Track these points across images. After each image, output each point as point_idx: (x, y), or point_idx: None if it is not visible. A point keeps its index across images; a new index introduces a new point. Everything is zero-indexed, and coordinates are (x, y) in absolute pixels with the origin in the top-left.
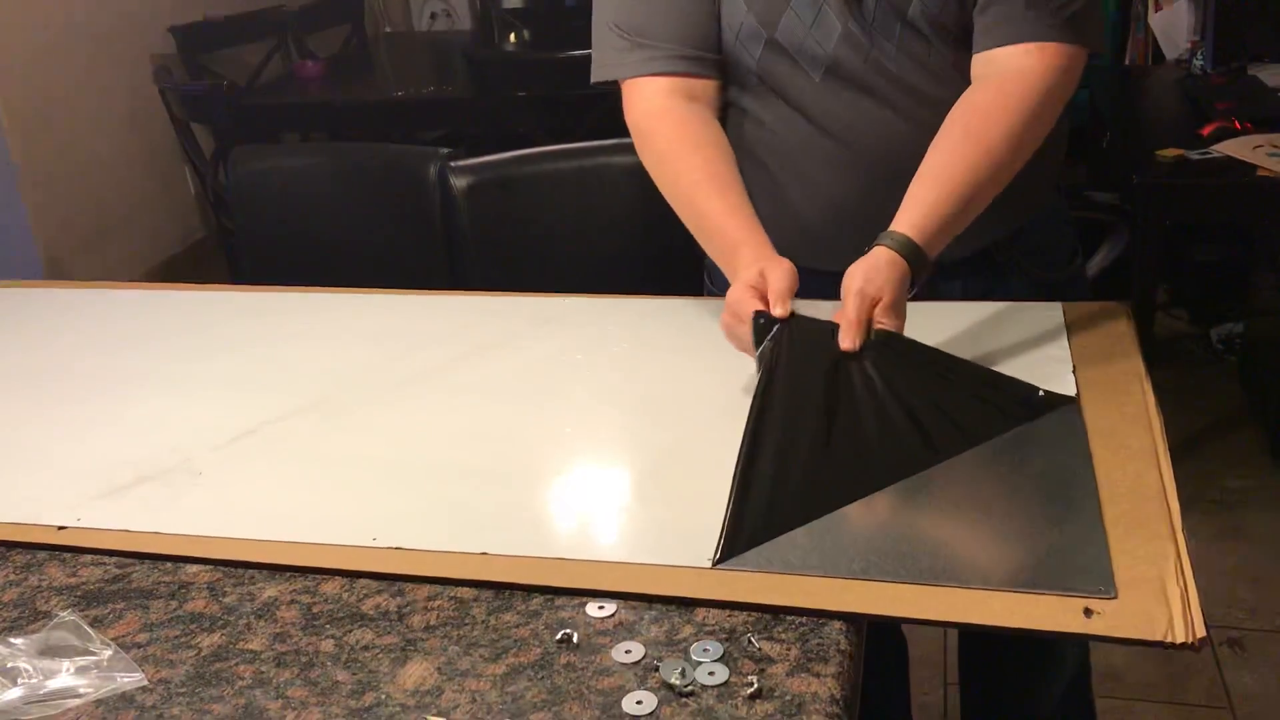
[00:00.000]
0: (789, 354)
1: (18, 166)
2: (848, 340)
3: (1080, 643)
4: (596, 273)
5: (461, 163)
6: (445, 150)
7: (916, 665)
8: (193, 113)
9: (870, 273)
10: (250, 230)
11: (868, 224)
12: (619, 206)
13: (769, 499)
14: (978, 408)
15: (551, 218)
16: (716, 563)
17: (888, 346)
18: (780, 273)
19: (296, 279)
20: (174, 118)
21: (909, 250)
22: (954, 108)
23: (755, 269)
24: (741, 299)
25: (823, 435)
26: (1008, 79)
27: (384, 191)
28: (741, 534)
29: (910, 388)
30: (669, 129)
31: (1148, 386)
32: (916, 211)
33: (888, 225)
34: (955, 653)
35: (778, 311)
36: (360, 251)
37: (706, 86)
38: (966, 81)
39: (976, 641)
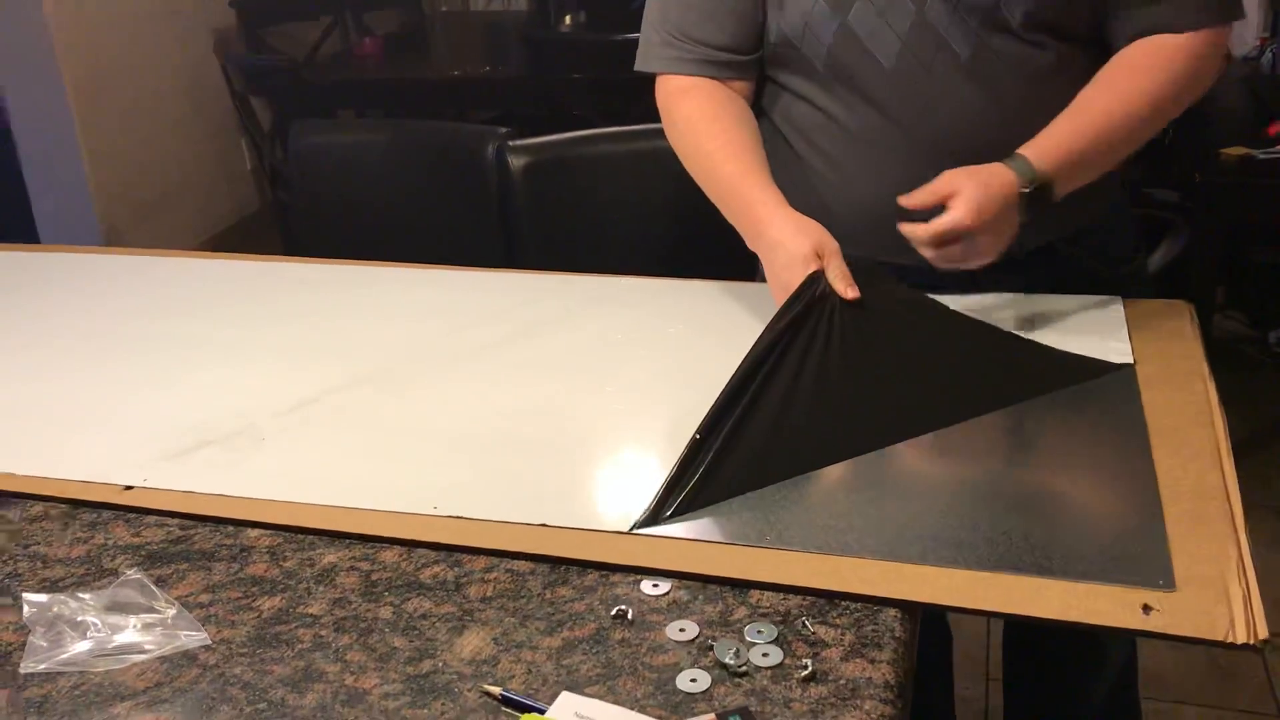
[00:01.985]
0: (803, 310)
1: (80, 136)
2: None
3: (1128, 641)
4: (651, 255)
5: (520, 142)
6: (504, 129)
7: (957, 660)
8: (252, 86)
9: (974, 181)
10: (307, 204)
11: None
12: (675, 190)
13: (716, 461)
14: (1014, 365)
15: (608, 199)
16: (635, 527)
17: (910, 307)
18: (831, 247)
19: (351, 254)
20: (233, 91)
21: (1024, 168)
22: (1109, 64)
23: (805, 246)
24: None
25: (803, 392)
26: (1159, 45)
27: (442, 169)
28: (675, 499)
29: (928, 341)
30: (692, 103)
31: (1211, 386)
32: (1042, 141)
33: None
34: (997, 649)
35: (850, 295)
36: (416, 228)
37: (734, 85)
38: (1040, 72)
39: (1022, 637)
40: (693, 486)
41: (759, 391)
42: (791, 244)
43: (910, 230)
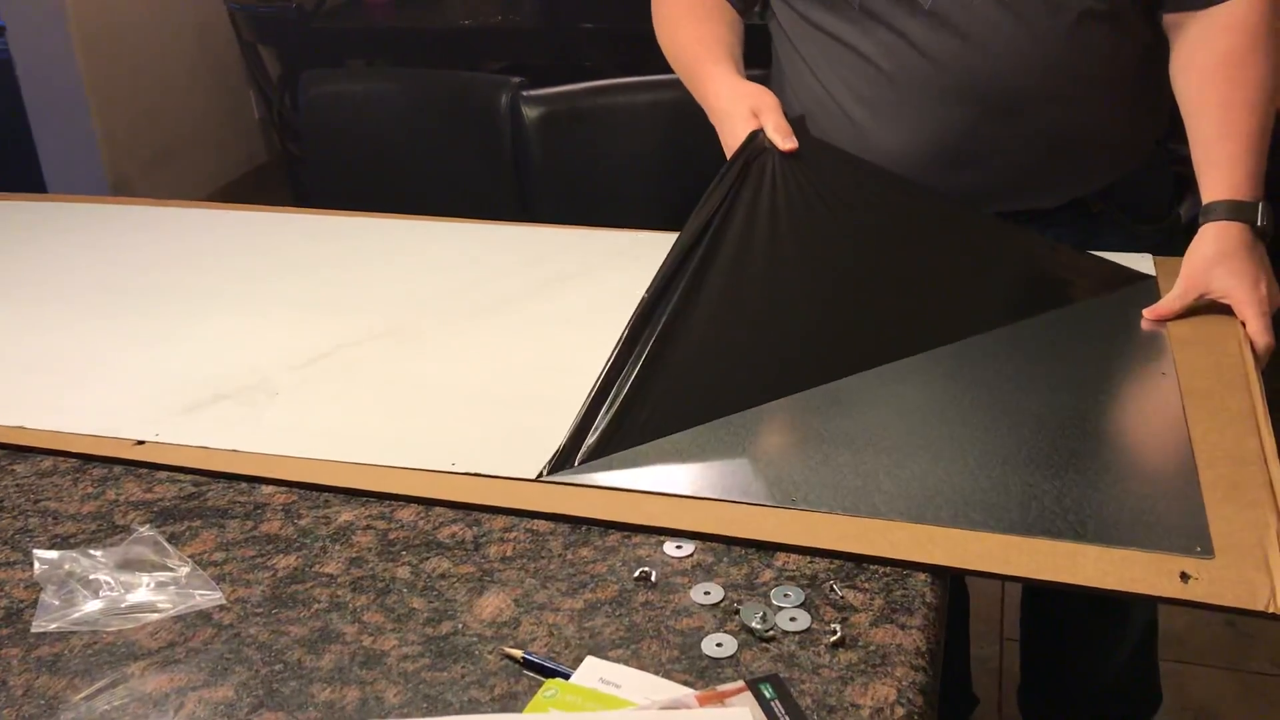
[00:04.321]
0: (757, 190)
1: (87, 85)
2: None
3: (1150, 603)
4: (668, 208)
5: (534, 92)
6: (517, 79)
7: (971, 620)
8: (261, 35)
9: (1218, 268)
10: (317, 154)
11: (971, 159)
12: (693, 142)
13: (636, 393)
14: (1021, 264)
15: (624, 151)
16: (546, 473)
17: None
18: (769, 104)
19: (362, 205)
20: (241, 40)
21: (1228, 210)
22: (1196, 65)
23: (743, 107)
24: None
25: (747, 291)
26: (1237, 18)
27: (455, 119)
28: (588, 439)
29: (906, 227)
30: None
31: (1246, 349)
32: (1215, 174)
33: (992, 160)
34: (1011, 608)
35: (786, 147)
36: (428, 179)
37: None
38: (1084, 14)
39: (1042, 598)
40: (610, 423)
41: (693, 288)
42: (732, 107)
43: (1263, 343)
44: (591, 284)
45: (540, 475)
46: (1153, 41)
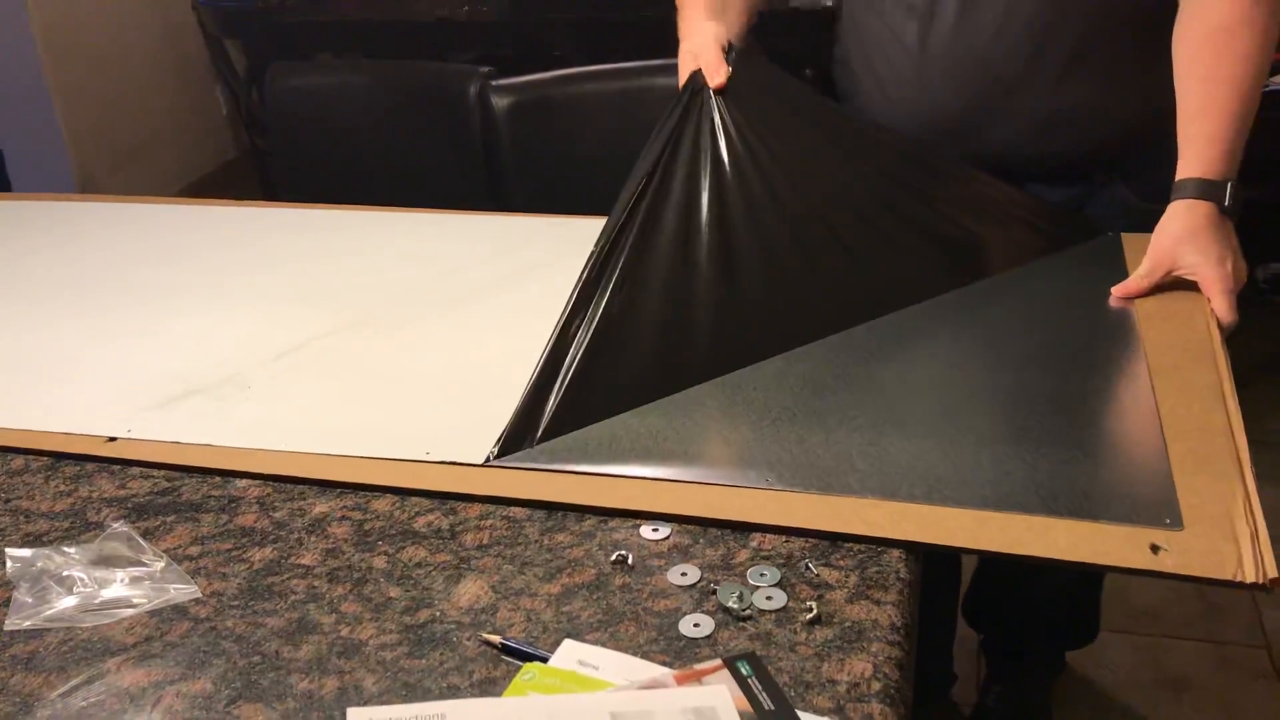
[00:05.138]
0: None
1: (51, 83)
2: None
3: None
4: None
5: (503, 82)
6: (486, 69)
7: None
8: (226, 28)
9: (1184, 245)
10: (287, 148)
11: (970, 133)
12: None
13: (588, 371)
14: (980, 213)
15: (593, 139)
16: (495, 456)
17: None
18: (705, 42)
19: (333, 198)
20: (207, 34)
21: (1200, 189)
22: (1187, 37)
23: (686, 51)
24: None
25: (694, 253)
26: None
27: (424, 110)
28: (535, 425)
29: (856, 170)
30: None
31: (1213, 323)
32: (1190, 150)
33: (990, 134)
34: None
35: (715, 82)
36: (398, 171)
37: None
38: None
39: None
40: (564, 399)
41: (638, 250)
42: (682, 50)
43: (1227, 320)
44: (563, 272)
45: (488, 459)
46: (1155, 10)
